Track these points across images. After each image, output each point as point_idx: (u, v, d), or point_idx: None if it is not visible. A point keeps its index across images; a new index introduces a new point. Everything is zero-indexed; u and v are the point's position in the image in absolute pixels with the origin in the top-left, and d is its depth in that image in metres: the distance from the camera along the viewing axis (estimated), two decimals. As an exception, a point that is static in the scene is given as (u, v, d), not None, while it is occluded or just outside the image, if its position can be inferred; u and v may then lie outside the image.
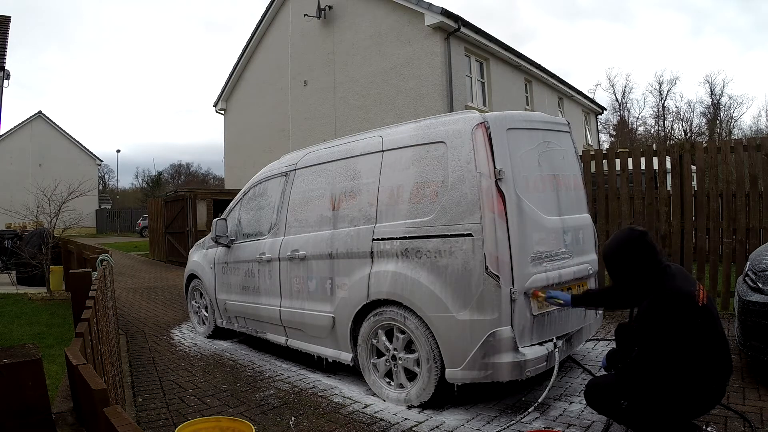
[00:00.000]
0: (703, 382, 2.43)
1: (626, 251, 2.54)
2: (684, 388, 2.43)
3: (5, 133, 31.46)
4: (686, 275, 2.61)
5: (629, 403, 2.55)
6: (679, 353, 2.40)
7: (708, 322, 2.44)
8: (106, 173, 51.42)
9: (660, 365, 2.44)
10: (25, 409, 1.18)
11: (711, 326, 2.45)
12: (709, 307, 2.48)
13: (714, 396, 2.49)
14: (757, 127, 35.31)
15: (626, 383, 2.58)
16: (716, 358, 2.44)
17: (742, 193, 5.57)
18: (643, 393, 2.51)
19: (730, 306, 5.42)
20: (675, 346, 2.40)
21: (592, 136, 21.79)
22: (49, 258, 8.88)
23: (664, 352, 2.42)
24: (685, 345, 2.39)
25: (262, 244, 4.71)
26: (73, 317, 2.70)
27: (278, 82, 15.88)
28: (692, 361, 2.40)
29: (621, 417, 2.68)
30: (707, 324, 2.44)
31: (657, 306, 2.43)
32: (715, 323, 2.48)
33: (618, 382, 2.63)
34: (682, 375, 2.42)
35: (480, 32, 12.37)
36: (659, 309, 2.41)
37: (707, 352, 2.42)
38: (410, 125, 3.74)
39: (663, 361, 2.43)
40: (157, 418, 3.38)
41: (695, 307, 2.42)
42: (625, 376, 2.60)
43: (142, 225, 29.87)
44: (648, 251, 2.53)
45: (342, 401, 3.58)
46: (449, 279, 3.20)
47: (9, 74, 12.14)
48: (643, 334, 2.50)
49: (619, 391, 2.60)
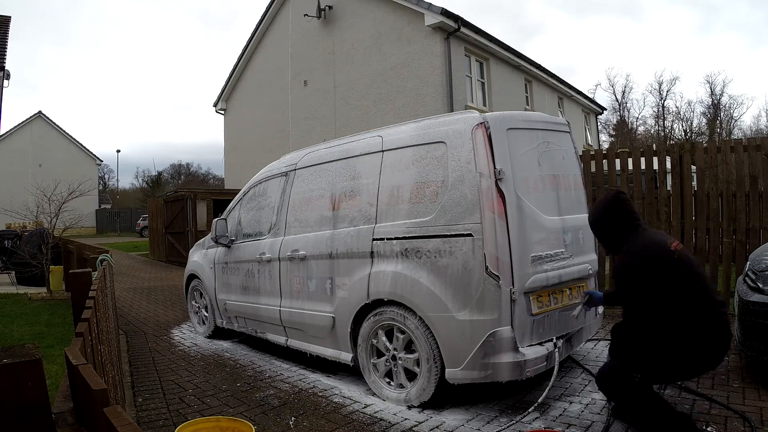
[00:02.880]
0: (695, 328, 2.49)
1: (604, 211, 2.80)
2: (678, 336, 2.49)
3: (5, 133, 31.48)
4: (661, 233, 2.86)
5: (642, 374, 2.62)
6: (662, 300, 2.50)
7: (685, 269, 2.56)
8: (106, 173, 51.49)
9: (648, 316, 2.54)
10: (25, 409, 1.18)
11: (688, 273, 2.57)
12: (683, 257, 2.60)
13: (713, 345, 2.53)
14: (757, 127, 35.34)
15: (630, 355, 2.63)
16: (703, 305, 2.52)
17: (742, 193, 5.57)
18: (644, 354, 2.59)
19: (730, 306, 5.42)
20: (655, 293, 2.51)
21: (592, 136, 21.78)
22: (49, 258, 8.88)
23: (647, 300, 2.53)
24: (665, 291, 2.50)
25: (262, 244, 4.71)
26: (73, 317, 2.70)
27: (278, 82, 15.88)
28: (677, 308, 2.49)
29: (636, 397, 2.67)
30: (684, 271, 2.56)
31: (630, 255, 2.61)
32: (693, 270, 2.60)
33: (623, 360, 2.69)
34: (672, 323, 2.48)
35: (480, 32, 12.37)
36: (633, 258, 2.59)
37: (690, 297, 2.51)
38: (410, 125, 3.74)
39: (649, 311, 2.53)
40: (157, 418, 3.38)
41: (668, 253, 2.56)
42: (626, 349, 2.66)
43: (142, 225, 29.87)
44: (622, 208, 2.78)
45: (342, 401, 3.58)
46: (449, 279, 3.20)
47: (9, 74, 12.13)
48: (623, 287, 2.70)
49: (627, 367, 2.64)
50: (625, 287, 2.72)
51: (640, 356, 2.64)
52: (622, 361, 2.74)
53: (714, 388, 3.46)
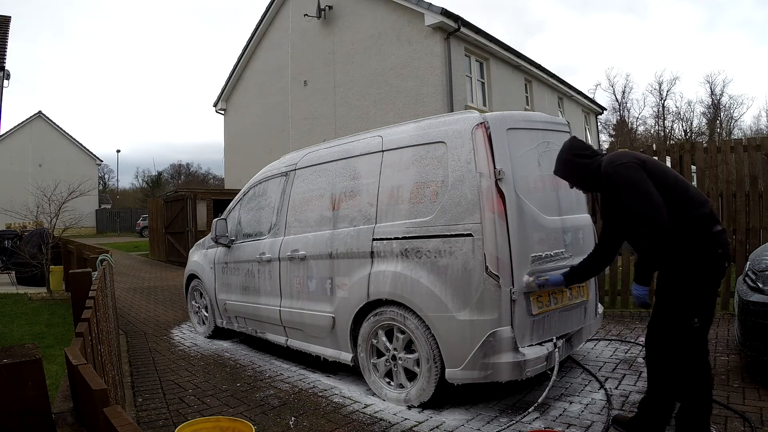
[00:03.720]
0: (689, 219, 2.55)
1: (569, 150, 2.90)
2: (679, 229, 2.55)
3: (5, 133, 31.47)
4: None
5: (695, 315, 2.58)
6: (653, 192, 2.54)
7: (660, 167, 2.72)
8: (106, 173, 51.49)
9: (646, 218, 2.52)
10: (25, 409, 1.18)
11: (664, 169, 2.73)
12: (656, 162, 2.78)
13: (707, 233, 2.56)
14: (757, 127, 35.36)
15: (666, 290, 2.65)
16: (686, 197, 2.60)
17: (742, 193, 5.57)
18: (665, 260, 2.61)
19: (730, 306, 5.42)
20: (644, 189, 2.55)
21: (592, 136, 21.78)
22: (49, 258, 8.88)
23: (640, 202, 2.54)
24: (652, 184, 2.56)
25: (262, 244, 4.71)
26: (73, 317, 2.70)
27: (278, 82, 15.88)
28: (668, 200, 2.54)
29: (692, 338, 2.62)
30: (660, 169, 2.71)
31: (609, 169, 2.67)
32: (666, 169, 2.76)
33: (668, 306, 2.65)
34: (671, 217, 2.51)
35: (480, 32, 12.37)
36: (614, 169, 2.65)
37: (674, 190, 2.59)
38: (410, 125, 3.74)
39: (646, 213, 2.51)
40: (157, 418, 3.38)
41: (641, 159, 2.69)
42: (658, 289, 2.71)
43: (142, 225, 29.87)
44: (583, 144, 2.93)
45: (342, 401, 3.58)
46: (449, 279, 3.20)
47: (9, 74, 12.14)
48: (614, 204, 2.76)
49: (681, 309, 2.60)
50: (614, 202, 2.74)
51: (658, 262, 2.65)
52: (670, 308, 2.65)
53: (714, 388, 3.45)
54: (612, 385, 3.63)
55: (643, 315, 5.73)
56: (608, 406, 3.25)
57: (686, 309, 2.59)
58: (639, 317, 5.70)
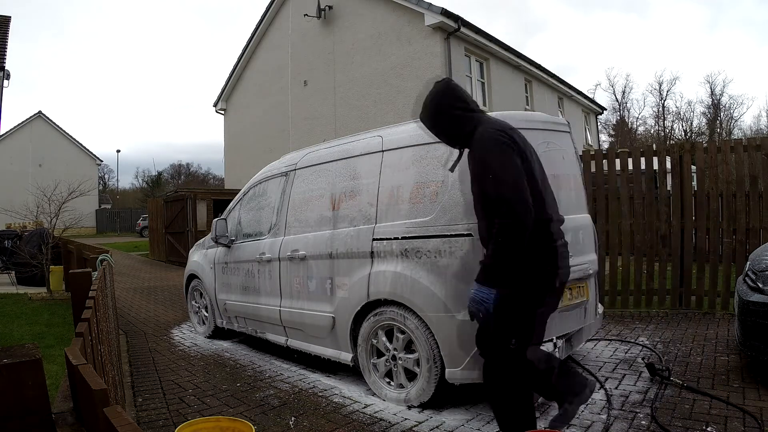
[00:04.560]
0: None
1: (438, 103, 2.58)
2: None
3: (5, 133, 31.46)
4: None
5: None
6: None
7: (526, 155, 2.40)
8: (106, 173, 51.49)
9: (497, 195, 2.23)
10: (25, 409, 1.18)
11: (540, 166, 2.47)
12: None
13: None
14: (757, 127, 35.35)
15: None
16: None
17: (742, 193, 5.57)
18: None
19: (730, 306, 5.42)
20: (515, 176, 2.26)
21: (592, 136, 21.78)
22: (49, 258, 8.88)
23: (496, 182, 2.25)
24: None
25: (262, 244, 4.71)
26: (73, 317, 2.70)
27: (278, 82, 15.88)
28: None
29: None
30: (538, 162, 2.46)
31: (474, 144, 2.38)
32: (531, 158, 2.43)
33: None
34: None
35: (480, 32, 12.37)
36: (478, 145, 2.35)
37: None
38: (410, 125, 3.74)
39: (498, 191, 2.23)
40: (157, 418, 3.38)
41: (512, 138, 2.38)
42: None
43: (142, 225, 29.86)
44: (460, 98, 2.55)
45: (342, 401, 3.58)
46: (449, 279, 3.20)
47: (9, 74, 12.14)
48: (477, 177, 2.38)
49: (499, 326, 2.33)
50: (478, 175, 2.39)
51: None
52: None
53: (714, 388, 3.46)
54: (612, 385, 3.63)
55: (643, 315, 5.74)
56: (608, 406, 3.25)
57: (505, 326, 2.33)
58: (639, 317, 5.71)
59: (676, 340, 4.69)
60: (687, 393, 3.39)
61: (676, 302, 5.84)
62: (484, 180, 2.32)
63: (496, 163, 2.28)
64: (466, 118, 2.48)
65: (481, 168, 2.33)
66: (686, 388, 3.44)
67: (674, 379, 3.57)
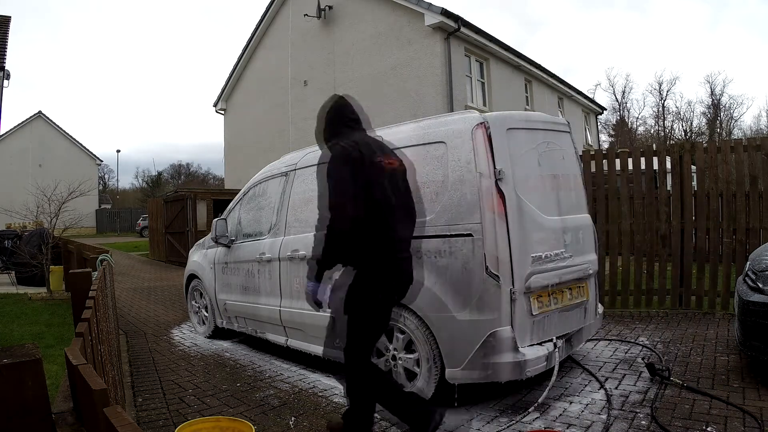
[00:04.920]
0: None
1: (333, 117, 2.87)
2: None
3: (5, 133, 31.45)
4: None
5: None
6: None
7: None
8: (106, 173, 51.46)
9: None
10: (25, 409, 1.18)
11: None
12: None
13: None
14: (757, 127, 35.35)
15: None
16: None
17: (742, 193, 5.57)
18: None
19: (730, 306, 5.42)
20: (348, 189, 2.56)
21: (592, 136, 21.79)
22: (49, 258, 8.87)
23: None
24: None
25: (262, 244, 4.71)
26: (73, 317, 2.70)
27: (278, 81, 15.88)
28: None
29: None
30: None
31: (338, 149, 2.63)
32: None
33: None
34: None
35: (480, 32, 12.38)
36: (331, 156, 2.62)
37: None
38: (410, 125, 3.74)
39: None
40: (157, 418, 3.38)
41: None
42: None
43: (142, 225, 29.85)
44: (351, 115, 2.84)
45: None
46: (449, 279, 3.20)
47: (9, 74, 12.14)
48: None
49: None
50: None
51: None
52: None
53: (714, 388, 3.46)
54: (612, 385, 3.63)
55: (643, 315, 5.74)
56: (608, 406, 3.25)
57: (351, 317, 2.70)
58: (639, 317, 5.71)
59: (676, 340, 4.69)
60: (687, 393, 3.39)
61: (676, 302, 5.84)
62: (325, 188, 2.61)
63: (335, 176, 2.57)
64: (347, 133, 2.75)
65: (325, 177, 2.62)
66: (686, 388, 3.44)
67: (674, 379, 3.57)
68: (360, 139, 2.73)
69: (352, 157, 2.58)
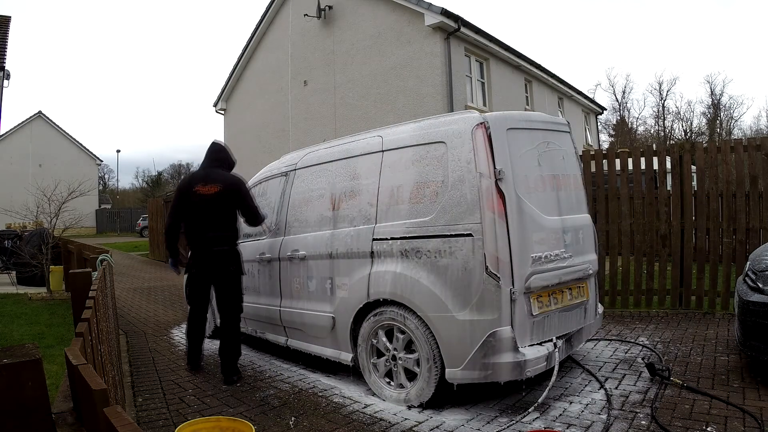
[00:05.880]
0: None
1: (230, 158, 4.87)
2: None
3: (5, 133, 31.45)
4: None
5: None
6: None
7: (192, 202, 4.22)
8: (106, 173, 51.49)
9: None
10: (25, 409, 1.18)
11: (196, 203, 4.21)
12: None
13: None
14: (757, 127, 35.33)
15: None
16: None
17: (742, 193, 5.57)
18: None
19: (730, 306, 5.42)
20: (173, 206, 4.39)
21: (592, 136, 21.79)
22: (49, 258, 8.87)
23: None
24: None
25: (262, 244, 4.71)
26: (73, 317, 2.70)
27: (278, 82, 15.88)
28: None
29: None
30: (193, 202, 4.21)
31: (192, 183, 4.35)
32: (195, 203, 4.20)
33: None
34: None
35: (480, 32, 12.37)
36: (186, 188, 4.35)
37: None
38: (410, 125, 3.74)
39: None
40: (157, 418, 3.38)
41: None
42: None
43: (142, 225, 29.84)
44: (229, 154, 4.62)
45: (342, 401, 3.58)
46: (449, 279, 3.20)
47: (9, 74, 12.13)
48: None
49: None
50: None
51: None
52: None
53: (714, 388, 3.46)
54: (612, 385, 3.64)
55: (643, 315, 5.74)
56: (608, 406, 3.25)
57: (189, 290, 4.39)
58: (639, 317, 5.71)
59: (676, 340, 4.69)
60: (687, 393, 3.39)
61: (676, 302, 5.84)
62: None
63: (174, 200, 4.37)
64: (216, 164, 4.50)
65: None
66: (686, 388, 3.45)
67: (674, 379, 3.57)
68: (201, 172, 4.35)
69: (181, 185, 4.39)
